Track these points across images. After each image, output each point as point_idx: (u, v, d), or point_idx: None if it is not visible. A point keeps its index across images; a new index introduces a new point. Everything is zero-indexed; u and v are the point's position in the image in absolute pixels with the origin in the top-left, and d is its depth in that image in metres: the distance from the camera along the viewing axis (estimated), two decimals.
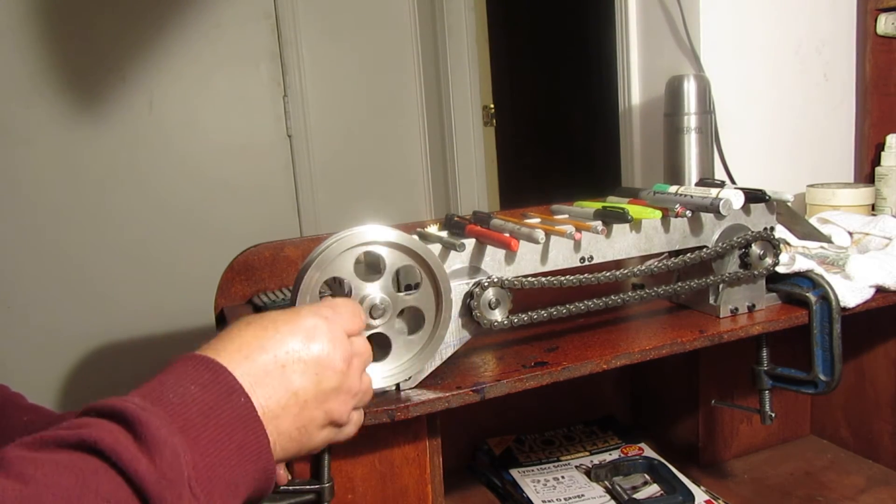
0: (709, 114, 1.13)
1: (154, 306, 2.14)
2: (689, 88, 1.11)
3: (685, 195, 0.79)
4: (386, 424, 0.62)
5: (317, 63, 2.31)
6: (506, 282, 0.67)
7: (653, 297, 0.75)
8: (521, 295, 0.70)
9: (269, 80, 2.27)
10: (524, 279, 0.68)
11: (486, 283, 0.66)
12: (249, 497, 0.46)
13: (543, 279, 0.69)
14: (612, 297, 0.73)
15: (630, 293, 0.74)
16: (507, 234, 0.65)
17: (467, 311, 0.66)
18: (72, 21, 2.03)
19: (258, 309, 1.00)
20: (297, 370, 0.49)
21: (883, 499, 0.97)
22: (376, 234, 0.60)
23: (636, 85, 1.36)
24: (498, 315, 0.68)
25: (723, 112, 1.19)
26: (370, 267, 0.62)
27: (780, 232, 0.90)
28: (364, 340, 0.56)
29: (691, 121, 1.11)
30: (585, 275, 0.70)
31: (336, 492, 0.62)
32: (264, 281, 1.07)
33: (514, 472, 1.04)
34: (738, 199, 0.76)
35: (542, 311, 0.69)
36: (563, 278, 0.70)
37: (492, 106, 2.41)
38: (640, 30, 1.34)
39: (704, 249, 0.77)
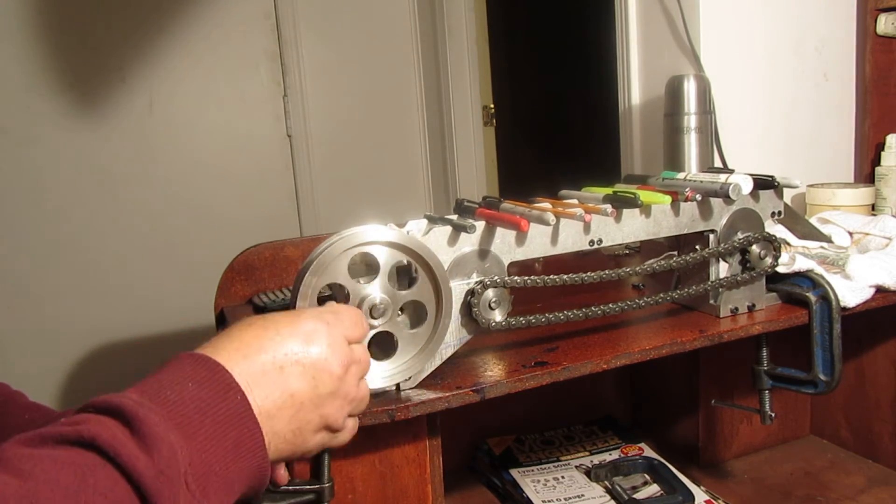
0: (709, 114, 1.13)
1: (154, 306, 2.14)
2: (689, 88, 1.11)
3: (694, 180, 0.79)
4: (386, 424, 0.62)
5: (317, 63, 2.31)
6: (501, 281, 0.67)
7: (653, 303, 0.75)
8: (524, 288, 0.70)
9: (269, 80, 2.27)
10: (525, 279, 0.68)
11: (483, 285, 0.66)
12: (244, 494, 0.46)
13: (545, 278, 0.69)
14: (613, 304, 0.73)
15: (631, 301, 0.74)
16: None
17: (467, 310, 0.66)
18: (72, 21, 2.03)
19: (258, 309, 1.00)
20: (295, 372, 0.49)
21: (883, 499, 0.97)
22: (375, 234, 0.60)
23: (636, 85, 1.36)
24: (498, 315, 0.68)
25: (723, 112, 1.19)
26: (370, 266, 0.62)
27: (781, 232, 0.90)
28: (364, 348, 0.56)
29: (691, 121, 1.11)
30: (581, 274, 0.70)
31: (336, 492, 0.62)
32: (264, 281, 1.07)
33: (514, 472, 1.04)
34: (747, 184, 0.76)
35: (542, 317, 0.69)
36: (564, 276, 0.70)
37: (492, 106, 2.41)
38: (640, 30, 1.34)
39: (704, 249, 0.77)
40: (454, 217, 0.67)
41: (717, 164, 1.18)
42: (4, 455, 0.36)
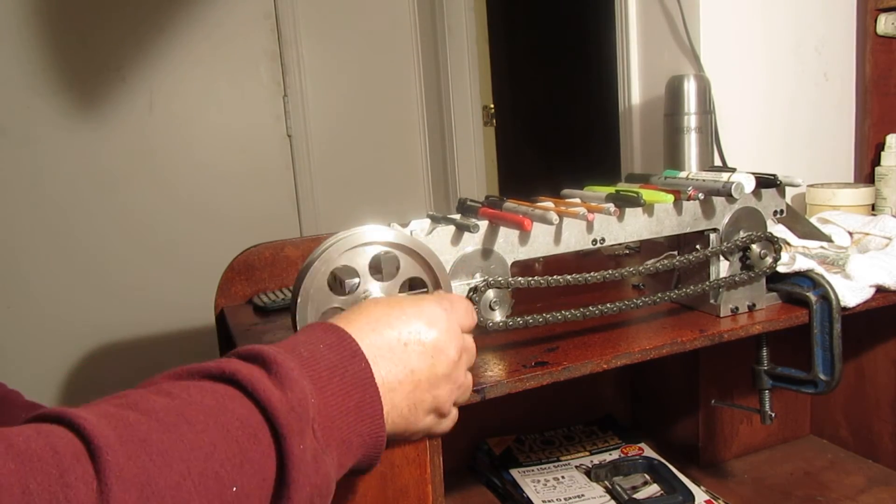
0: (709, 114, 1.13)
1: (154, 306, 2.14)
2: (689, 88, 1.11)
3: (697, 179, 0.79)
4: None
5: (317, 63, 2.31)
6: (505, 282, 0.67)
7: (653, 303, 0.75)
8: (522, 287, 0.70)
9: (269, 80, 2.27)
10: (529, 279, 0.68)
11: (486, 284, 0.66)
12: (359, 462, 0.48)
13: (548, 278, 0.69)
14: (613, 304, 0.73)
15: (631, 300, 0.74)
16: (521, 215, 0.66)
17: None
18: (72, 21, 2.03)
19: (258, 309, 1.00)
20: (417, 351, 0.51)
21: (883, 499, 0.97)
22: (375, 235, 0.60)
23: (636, 85, 1.36)
24: (498, 316, 0.68)
25: (723, 112, 1.19)
26: (371, 268, 0.62)
27: (781, 231, 0.90)
28: (472, 339, 0.58)
29: (691, 121, 1.11)
30: (584, 274, 0.70)
31: (336, 492, 0.62)
32: (264, 281, 1.07)
33: (514, 472, 1.04)
34: (749, 183, 0.76)
35: (539, 317, 0.69)
36: (567, 276, 0.70)
37: (492, 106, 2.41)
38: (640, 30, 1.34)
39: (704, 250, 0.77)
40: (457, 216, 0.68)
41: (717, 163, 1.18)
42: (157, 384, 0.41)
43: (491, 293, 0.67)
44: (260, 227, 2.22)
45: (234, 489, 0.38)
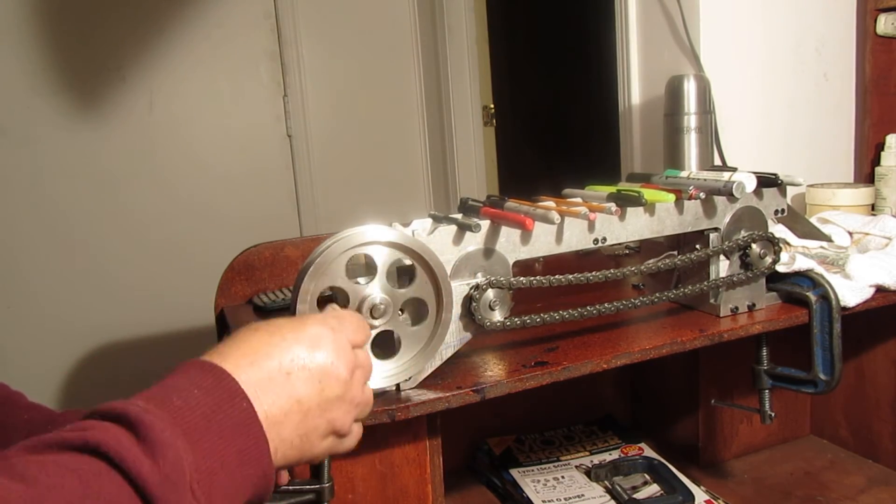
0: (709, 114, 1.13)
1: (154, 306, 2.14)
2: (689, 88, 1.11)
3: (698, 179, 0.79)
4: (386, 424, 0.62)
5: (317, 63, 2.31)
6: (507, 282, 0.67)
7: (653, 302, 0.75)
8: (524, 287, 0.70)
9: (269, 80, 2.27)
10: (526, 279, 0.68)
11: (488, 283, 0.66)
12: (248, 501, 0.46)
13: (549, 278, 0.69)
14: (613, 304, 0.73)
15: (631, 300, 0.74)
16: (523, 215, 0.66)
17: (468, 311, 0.66)
18: (72, 21, 2.03)
19: (258, 309, 1.00)
20: (302, 378, 0.49)
21: (883, 499, 0.97)
22: (375, 234, 0.60)
23: (636, 85, 1.36)
24: (498, 315, 0.68)
25: (723, 112, 1.19)
26: (370, 266, 0.62)
27: (781, 231, 0.90)
28: (367, 353, 0.56)
29: (691, 121, 1.11)
30: (586, 273, 0.70)
31: (336, 492, 0.62)
32: (264, 281, 1.07)
33: (514, 472, 1.04)
34: (750, 182, 0.76)
35: (536, 317, 0.69)
36: (569, 276, 0.70)
37: (492, 106, 2.41)
38: (640, 30, 1.34)
39: (704, 249, 0.77)
40: (459, 216, 0.68)
41: (717, 163, 1.18)
42: (8, 461, 0.36)
43: (491, 293, 0.67)
44: (260, 227, 2.22)
45: None
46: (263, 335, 0.50)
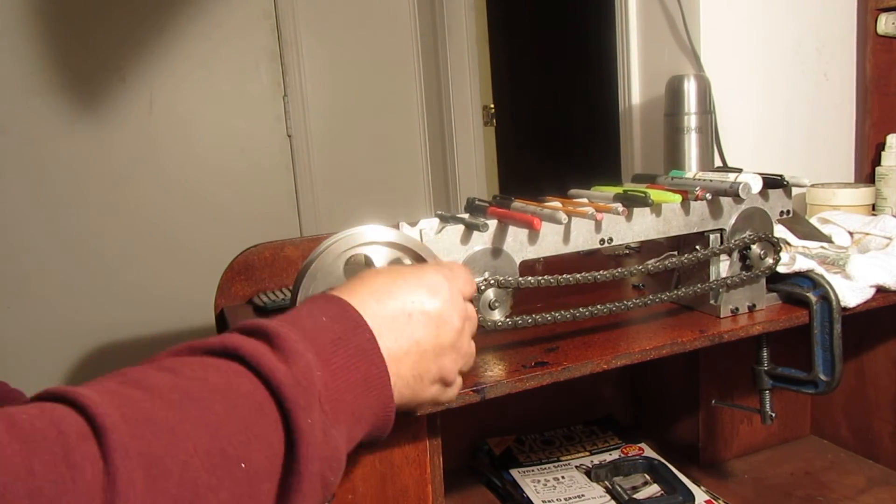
0: (709, 114, 1.13)
1: (154, 305, 2.14)
2: (689, 88, 1.11)
3: (704, 179, 0.79)
4: None
5: (317, 63, 2.31)
6: (514, 282, 0.67)
7: (653, 302, 0.75)
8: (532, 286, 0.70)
9: (269, 80, 2.27)
10: (534, 279, 0.68)
11: (496, 282, 0.66)
12: (369, 433, 0.48)
13: (558, 277, 0.69)
14: (613, 304, 0.73)
15: (631, 300, 0.74)
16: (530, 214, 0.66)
17: None
18: (72, 21, 2.03)
19: (258, 309, 1.00)
20: (422, 321, 0.51)
21: (883, 499, 0.97)
22: (375, 234, 0.60)
23: (636, 85, 1.36)
24: (498, 315, 0.68)
25: (723, 112, 1.19)
26: (370, 266, 0.62)
27: (781, 232, 0.90)
28: (473, 307, 0.58)
29: (691, 121, 1.11)
30: (584, 273, 0.70)
31: (336, 492, 0.62)
32: (264, 281, 1.07)
33: (514, 472, 1.04)
34: (756, 183, 0.76)
35: (537, 317, 0.69)
36: (564, 276, 0.70)
37: (492, 106, 2.41)
38: (640, 30, 1.34)
39: (704, 250, 0.77)
40: (466, 216, 0.68)
41: (717, 164, 1.18)
42: (159, 359, 0.41)
43: (491, 293, 0.67)
44: (260, 227, 2.22)
45: (243, 465, 0.38)
46: (387, 277, 0.52)
